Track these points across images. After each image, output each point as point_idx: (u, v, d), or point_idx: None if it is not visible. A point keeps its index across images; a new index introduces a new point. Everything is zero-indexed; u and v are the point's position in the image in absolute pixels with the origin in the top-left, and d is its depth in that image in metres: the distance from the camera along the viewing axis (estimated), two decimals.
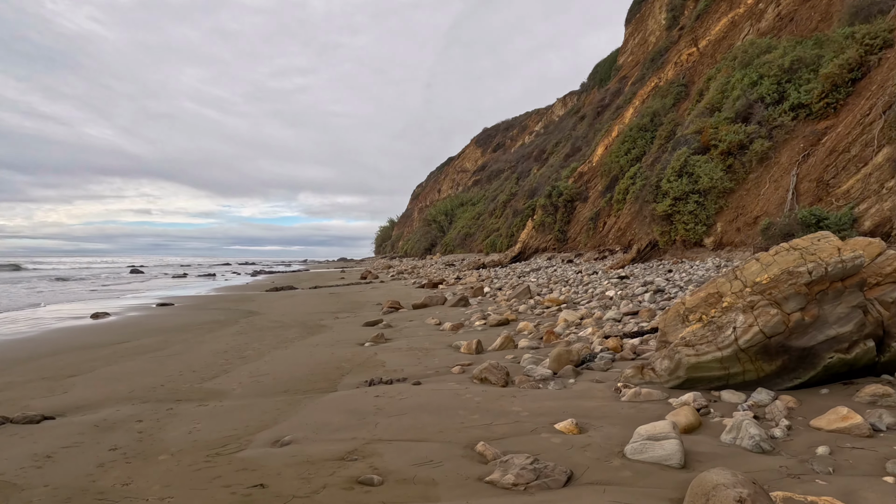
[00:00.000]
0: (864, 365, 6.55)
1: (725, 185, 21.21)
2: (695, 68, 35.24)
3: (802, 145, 19.48)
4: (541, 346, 10.33)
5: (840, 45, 20.08)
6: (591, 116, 53.66)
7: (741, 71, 23.23)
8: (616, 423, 5.68)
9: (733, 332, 6.46)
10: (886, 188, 16.15)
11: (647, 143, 32.77)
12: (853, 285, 6.46)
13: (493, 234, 58.81)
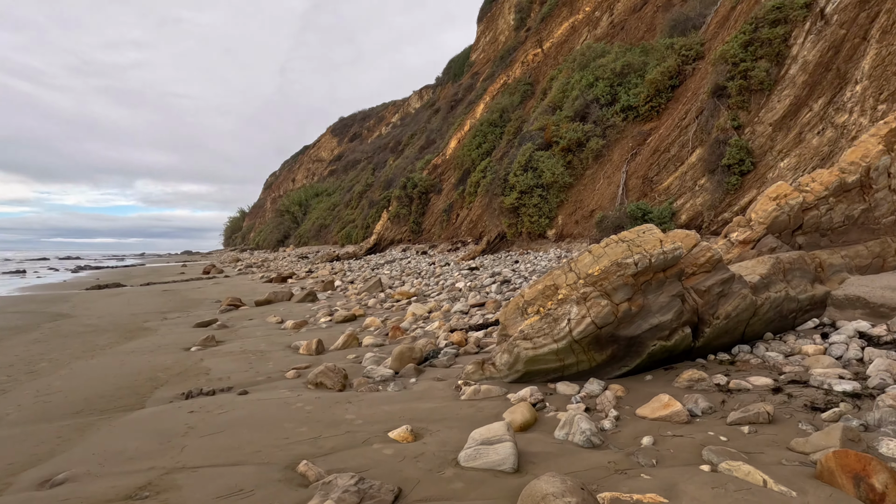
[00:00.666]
0: (682, 350, 6.94)
1: (566, 180, 22.38)
2: (540, 68, 37.07)
3: (631, 144, 21.12)
4: (386, 343, 9.90)
5: (662, 55, 22.04)
6: (445, 110, 54.52)
7: (579, 73, 24.67)
8: (454, 426, 5.38)
9: (568, 323, 6.49)
10: (699, 185, 17.99)
11: (496, 137, 33.83)
12: (673, 275, 6.80)
13: (348, 225, 57.61)
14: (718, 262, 7.20)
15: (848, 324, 7.42)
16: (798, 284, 7.86)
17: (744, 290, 7.10)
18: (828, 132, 14.96)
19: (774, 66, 16.97)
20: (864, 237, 8.97)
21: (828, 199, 8.71)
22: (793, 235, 8.80)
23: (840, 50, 15.50)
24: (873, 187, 8.84)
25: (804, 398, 5.35)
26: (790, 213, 8.61)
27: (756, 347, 7.19)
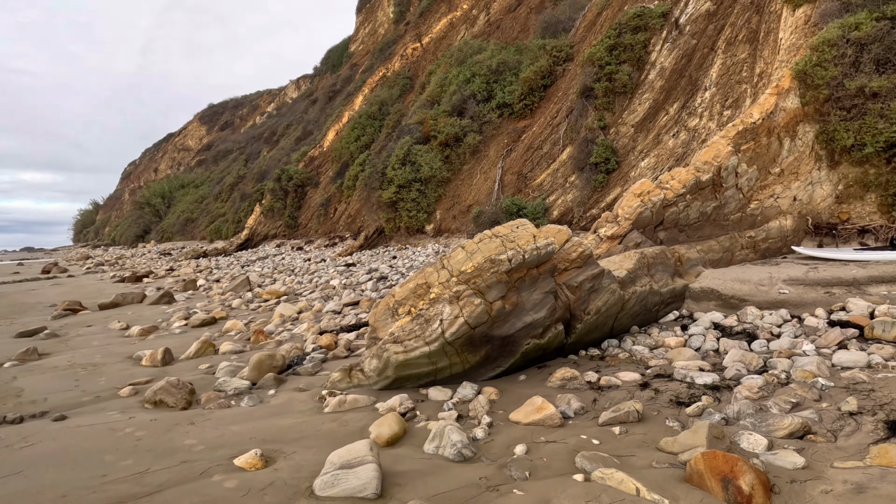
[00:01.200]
0: (555, 348, 6.84)
1: (444, 175, 22.27)
2: (419, 63, 36.86)
3: (507, 141, 21.46)
4: (247, 350, 8.98)
5: (535, 55, 22.61)
6: (323, 101, 52.75)
7: (457, 68, 24.69)
8: (312, 446, 4.77)
9: (440, 324, 6.10)
10: (569, 182, 18.63)
11: (375, 130, 33.13)
12: (546, 271, 6.66)
13: (218, 219, 53.89)
14: (589, 257, 7.20)
15: (704, 315, 7.76)
16: (660, 278, 8.12)
17: (613, 285, 7.16)
18: (682, 134, 16.05)
19: (636, 71, 17.95)
20: (716, 232, 9.55)
21: (685, 196, 9.15)
22: (655, 231, 9.15)
23: (692, 58, 16.69)
24: (723, 186, 9.42)
25: (670, 393, 5.37)
26: (653, 209, 8.94)
27: (624, 341, 7.28)
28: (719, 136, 9.71)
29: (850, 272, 8.01)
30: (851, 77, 9.99)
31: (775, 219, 9.88)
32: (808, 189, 10.27)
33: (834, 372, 5.54)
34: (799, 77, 10.32)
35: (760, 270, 8.56)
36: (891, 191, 9.73)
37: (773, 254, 9.82)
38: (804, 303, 7.65)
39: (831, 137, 10.17)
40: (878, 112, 9.71)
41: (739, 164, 9.51)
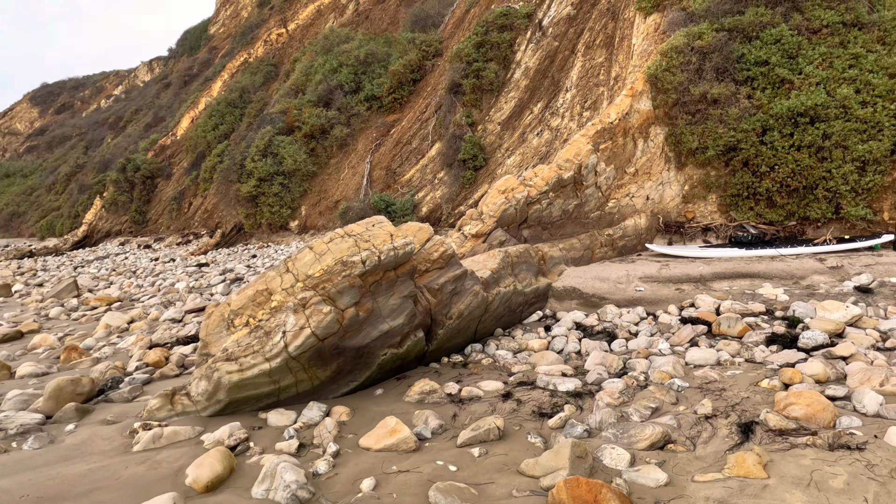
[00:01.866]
0: (415, 356, 6.30)
1: (309, 168, 21.08)
2: (284, 50, 34.91)
3: (375, 135, 20.75)
4: (54, 371, 7.48)
5: (405, 48, 22.11)
6: (178, 85, 48.44)
7: (323, 56, 23.52)
8: (104, 502, 3.78)
9: (283, 337, 5.30)
10: (438, 178, 18.36)
11: (236, 119, 30.82)
12: (405, 273, 6.09)
13: (51, 213, 47.50)
14: (452, 257, 6.75)
15: (566, 315, 7.65)
16: (525, 278, 7.91)
17: (476, 287, 6.77)
18: (545, 134, 16.37)
19: (503, 69, 18.07)
20: (578, 230, 9.60)
21: (548, 193, 9.09)
22: (519, 228, 8.98)
23: (554, 60, 17.10)
24: (584, 184, 9.49)
25: (532, 403, 5.04)
26: (517, 206, 8.76)
27: (488, 345, 6.93)
28: (580, 135, 9.80)
29: (697, 269, 8.34)
30: (696, 83, 10.56)
31: (631, 217, 10.19)
32: (659, 189, 10.73)
33: (688, 371, 5.54)
34: (650, 80, 10.74)
35: (619, 268, 8.68)
36: (729, 192, 10.42)
37: (630, 251, 10.12)
38: (658, 300, 7.81)
39: (679, 140, 10.69)
40: (718, 118, 10.34)
41: (599, 163, 9.66)
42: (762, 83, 10.47)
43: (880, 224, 9.36)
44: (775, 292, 7.55)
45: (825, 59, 10.23)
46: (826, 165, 9.69)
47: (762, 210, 10.16)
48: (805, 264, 8.23)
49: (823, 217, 9.73)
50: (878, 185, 9.40)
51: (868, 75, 9.84)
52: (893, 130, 9.46)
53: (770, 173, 9.98)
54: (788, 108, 9.87)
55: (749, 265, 8.34)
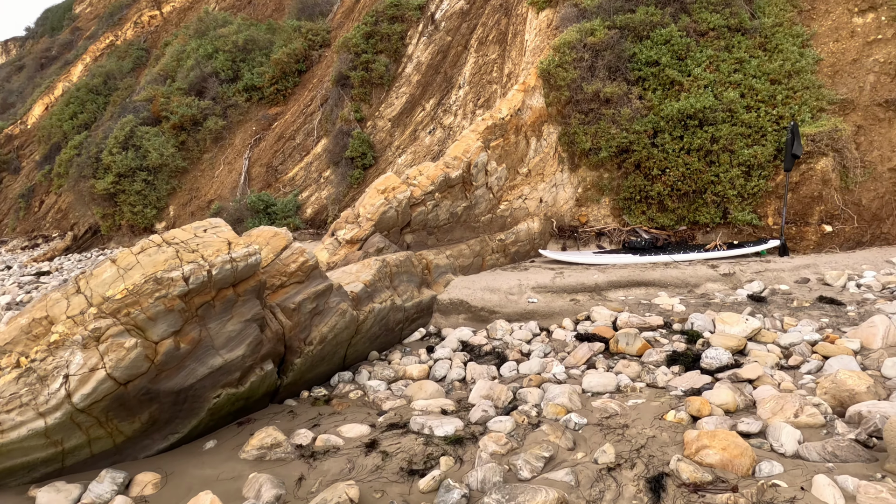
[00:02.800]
0: (264, 394, 5.08)
1: (178, 164, 18.89)
2: (158, 34, 31.71)
3: (255, 129, 18.96)
4: None
5: (290, 36, 20.46)
6: (34, 68, 42.93)
7: (197, 40, 21.29)
8: None
9: (65, 383, 3.90)
10: (324, 177, 16.97)
11: (99, 108, 27.41)
12: (249, 291, 4.85)
13: None
14: (314, 269, 5.59)
15: (452, 333, 6.73)
16: (406, 290, 6.89)
17: (343, 305, 5.65)
18: (438, 132, 15.53)
19: (393, 63, 17.04)
20: (467, 235, 8.75)
21: (434, 194, 8.14)
22: (401, 233, 7.97)
23: (447, 55, 16.31)
24: (473, 184, 8.66)
25: (402, 455, 4.01)
26: (398, 208, 7.73)
27: (359, 373, 5.84)
28: (469, 131, 8.97)
29: (592, 277, 7.74)
30: (589, 81, 10.09)
31: (524, 221, 9.51)
32: (552, 191, 10.16)
33: (586, 401, 4.76)
34: (543, 76, 10.15)
35: (510, 277, 7.91)
36: (622, 195, 10.05)
37: (523, 257, 9.43)
38: (552, 312, 7.09)
39: (572, 140, 10.19)
40: (611, 118, 9.93)
41: (489, 162, 8.87)
42: (653, 84, 10.21)
43: (765, 229, 9.32)
44: (671, 302, 7.08)
45: (712, 61, 10.14)
46: (714, 169, 9.54)
47: (654, 214, 9.87)
48: (699, 271, 7.88)
49: (712, 222, 9.57)
50: (762, 190, 9.36)
51: (752, 80, 9.83)
52: (776, 136, 9.47)
53: (661, 176, 9.70)
54: (678, 110, 9.63)
55: (644, 273, 7.87)
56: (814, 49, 10.28)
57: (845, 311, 6.30)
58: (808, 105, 9.61)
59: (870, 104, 9.68)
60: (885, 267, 7.79)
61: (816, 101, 9.64)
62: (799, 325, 5.98)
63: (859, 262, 7.99)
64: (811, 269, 7.87)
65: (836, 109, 9.73)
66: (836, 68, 10.16)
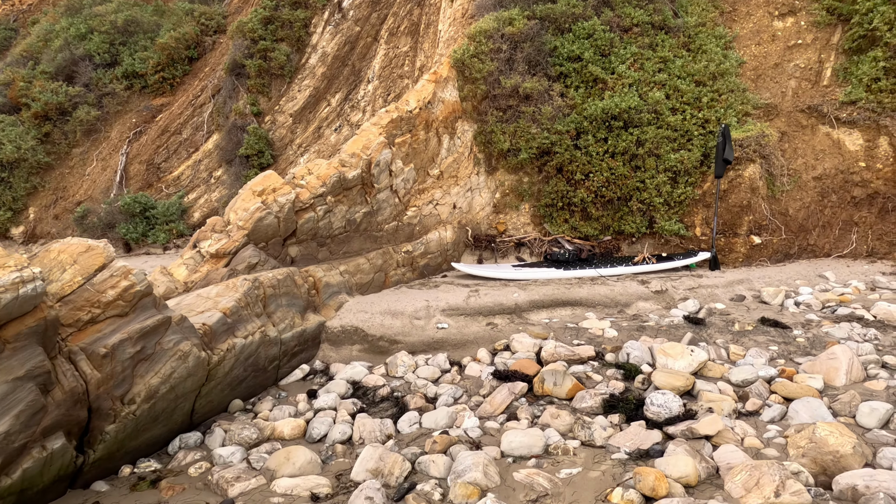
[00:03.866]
0: (54, 480, 3.54)
1: (41, 159, 16.26)
2: (31, 12, 28.06)
3: (136, 121, 16.67)
4: None
5: (180, 19, 18.29)
6: None
7: (68, 19, 18.62)
8: None
9: None
10: (215, 177, 15.06)
11: None
12: (24, 335, 3.32)
13: None
14: (144, 296, 4.09)
15: (343, 370, 5.40)
16: (284, 317, 5.49)
17: (184, 345, 4.18)
18: (344, 129, 14.10)
19: (296, 53, 15.43)
20: (368, 246, 7.44)
21: (326, 197, 6.76)
22: (285, 245, 6.53)
23: (356, 46, 14.94)
24: (375, 186, 7.36)
25: None
26: (280, 214, 6.29)
27: (211, 433, 4.38)
28: (371, 124, 7.68)
29: (512, 296, 6.66)
30: (507, 75, 9.09)
31: (435, 229, 8.33)
32: (468, 196, 9.05)
33: (506, 472, 3.61)
34: (457, 67, 9.04)
35: (417, 297, 6.68)
36: (543, 201, 9.12)
37: (434, 271, 8.23)
38: (465, 340, 5.93)
39: (489, 139, 9.14)
40: (531, 116, 8.97)
41: (394, 161, 7.62)
42: (575, 80, 9.36)
43: (692, 240, 8.66)
44: (602, 325, 6.12)
45: (636, 59, 9.43)
46: (640, 175, 8.79)
47: (577, 223, 8.99)
48: (629, 288, 7.00)
49: (638, 232, 8.81)
50: (689, 198, 8.71)
51: (676, 80, 9.20)
52: (702, 140, 8.86)
53: (585, 181, 8.84)
54: (602, 110, 8.81)
55: (569, 290, 6.89)
56: (736, 51, 9.84)
57: (793, 337, 5.56)
58: (734, 109, 9.09)
59: (793, 110, 9.31)
60: (818, 282, 7.26)
61: (742, 105, 9.14)
62: (748, 355, 5.15)
63: (792, 277, 7.42)
64: (745, 285, 7.20)
65: (760, 114, 9.28)
66: (758, 72, 9.75)
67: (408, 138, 7.87)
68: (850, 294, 6.71)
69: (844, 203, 8.68)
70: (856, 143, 8.78)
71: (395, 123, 7.67)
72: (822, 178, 8.79)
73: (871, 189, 8.53)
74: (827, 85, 9.45)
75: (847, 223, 8.58)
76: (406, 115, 7.82)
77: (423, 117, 8.18)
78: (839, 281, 7.24)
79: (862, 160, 8.68)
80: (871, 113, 8.64)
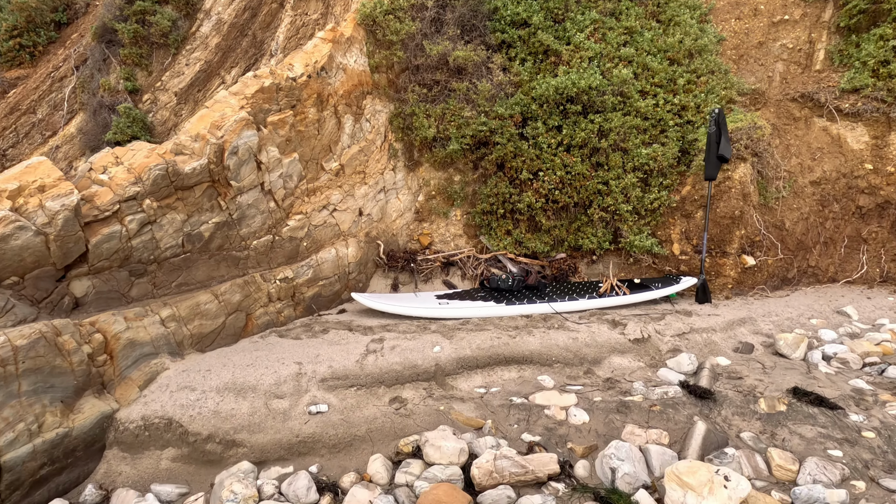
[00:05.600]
0: None
1: None
2: None
3: None
4: None
5: None
6: None
7: None
8: None
9: None
10: (80, 169, 12.10)
11: None
12: None
13: None
14: None
15: None
16: (22, 415, 3.07)
17: None
18: None
19: (184, 18, 12.65)
20: (223, 274, 5.06)
21: (143, 201, 4.37)
22: (67, 277, 4.09)
23: (258, 13, 12.34)
24: (233, 184, 4.99)
25: None
26: (50, 228, 3.86)
27: None
28: (229, 93, 5.32)
29: (432, 352, 4.48)
30: (433, 39, 6.89)
31: (331, 245, 6.05)
32: (380, 198, 6.81)
33: None
34: (366, 25, 6.79)
35: (287, 354, 4.38)
36: (479, 207, 7.00)
37: (328, 303, 5.95)
38: (352, 437, 3.70)
39: (409, 124, 6.93)
40: (464, 95, 6.83)
41: (265, 148, 5.28)
42: (521, 51, 7.28)
43: (669, 260, 6.76)
44: (565, 402, 4.04)
45: (597, 28, 7.44)
46: (602, 174, 6.81)
47: (523, 235, 6.92)
48: (597, 335, 4.96)
49: (600, 247, 6.83)
50: (663, 205, 6.80)
51: (646, 57, 7.27)
52: (678, 132, 6.97)
53: (533, 182, 6.78)
54: (556, 90, 6.77)
55: (514, 339, 4.78)
56: (714, 26, 8.03)
57: (855, 427, 3.64)
58: (716, 94, 7.26)
59: (782, 98, 7.58)
60: (838, 321, 5.47)
61: (725, 90, 7.33)
62: (804, 471, 3.17)
63: (804, 314, 5.62)
64: (749, 327, 5.32)
65: (746, 102, 7.50)
66: (739, 51, 7.99)
67: (289, 117, 5.52)
68: (888, 341, 4.93)
69: (849, 214, 7.00)
70: (860, 140, 7.12)
71: (269, 94, 5.32)
72: (822, 183, 7.09)
73: (881, 197, 6.88)
74: (820, 70, 7.78)
75: (854, 239, 6.90)
76: (287, 83, 5.47)
77: (315, 89, 5.85)
78: (865, 319, 5.49)
79: (868, 161, 7.03)
80: (878, 103, 6.98)
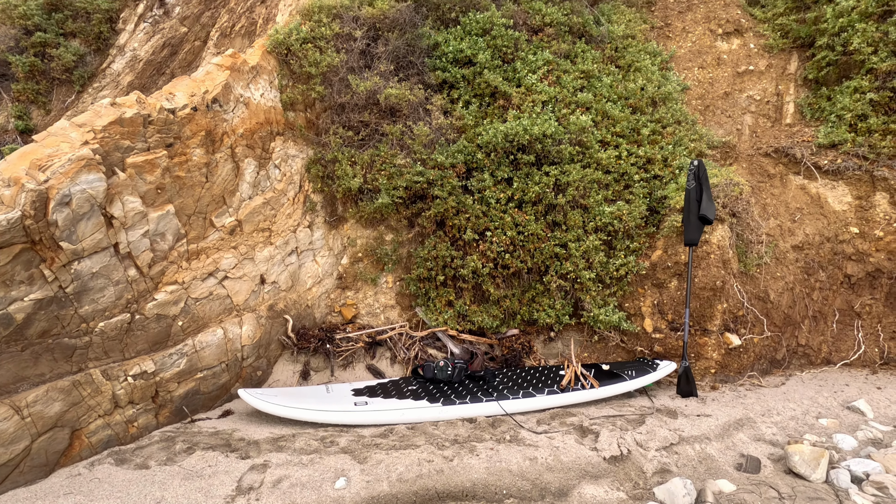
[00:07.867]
0: None
1: None
2: None
3: None
4: None
5: None
6: None
7: None
8: None
9: None
10: None
11: None
12: None
13: None
14: None
15: None
16: None
17: None
18: None
19: (94, 54, 11.31)
20: (41, 371, 3.59)
21: None
22: None
23: (178, 51, 11.13)
24: (65, 246, 3.61)
25: None
26: None
27: None
28: (70, 124, 4.01)
29: (332, 494, 3.12)
30: (361, 75, 5.81)
31: (217, 324, 4.68)
32: (291, 262, 5.52)
33: None
34: (278, 54, 5.65)
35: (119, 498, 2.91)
36: (415, 273, 5.80)
37: (209, 402, 4.53)
38: None
39: (331, 172, 5.74)
40: (397, 140, 5.72)
41: (120, 197, 3.94)
42: (466, 93, 6.29)
43: (641, 338, 5.68)
44: None
45: (551, 70, 6.56)
46: (560, 235, 5.75)
47: (467, 307, 5.72)
48: (563, 452, 3.72)
49: (558, 322, 5.70)
50: (631, 272, 5.76)
51: (605, 104, 6.40)
52: (645, 188, 6.04)
53: (479, 243, 5.65)
54: (505, 137, 5.76)
55: (451, 462, 3.49)
56: (677, 74, 7.32)
57: None
58: (684, 145, 6.42)
59: (754, 153, 6.83)
60: (854, 422, 4.43)
61: (694, 142, 6.50)
62: None
63: (809, 412, 4.55)
64: (748, 431, 4.19)
65: (717, 156, 6.70)
66: (705, 101, 7.27)
67: (161, 158, 4.23)
68: None
69: (837, 284, 6.14)
70: (842, 200, 6.35)
71: (131, 128, 4.03)
72: (804, 248, 6.24)
73: (871, 265, 6.07)
74: (791, 123, 7.11)
75: (845, 313, 6.02)
76: (161, 115, 4.21)
77: (203, 125, 4.60)
78: (882, 417, 4.47)
79: (853, 224, 6.24)
80: (860, 160, 6.27)
